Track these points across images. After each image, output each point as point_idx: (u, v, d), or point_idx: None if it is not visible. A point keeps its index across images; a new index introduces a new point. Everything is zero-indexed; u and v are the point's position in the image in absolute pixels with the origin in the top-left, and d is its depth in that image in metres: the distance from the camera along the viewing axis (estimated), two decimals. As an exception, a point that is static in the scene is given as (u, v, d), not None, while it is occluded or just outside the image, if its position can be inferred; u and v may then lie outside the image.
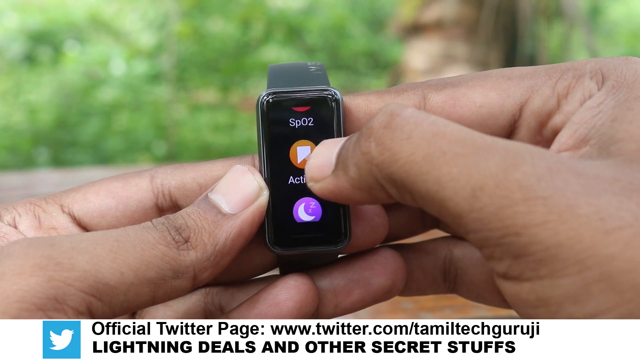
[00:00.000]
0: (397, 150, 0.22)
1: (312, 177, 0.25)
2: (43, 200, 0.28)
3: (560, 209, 0.19)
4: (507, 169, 0.20)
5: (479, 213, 0.20)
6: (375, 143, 0.22)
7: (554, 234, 0.19)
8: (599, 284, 0.19)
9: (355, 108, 0.27)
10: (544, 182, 0.20)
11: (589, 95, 0.25)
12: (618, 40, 4.29)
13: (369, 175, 0.23)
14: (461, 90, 0.27)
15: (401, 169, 0.22)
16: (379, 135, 0.22)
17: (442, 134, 0.21)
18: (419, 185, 0.21)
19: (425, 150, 0.21)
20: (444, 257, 0.29)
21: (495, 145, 0.21)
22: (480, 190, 0.20)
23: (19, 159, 3.12)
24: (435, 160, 0.21)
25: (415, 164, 0.21)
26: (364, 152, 0.23)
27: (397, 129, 0.22)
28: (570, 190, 0.20)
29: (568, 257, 0.19)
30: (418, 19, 2.65)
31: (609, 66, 0.25)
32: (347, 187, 0.24)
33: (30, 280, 0.21)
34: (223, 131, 3.37)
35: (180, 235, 0.24)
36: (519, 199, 0.20)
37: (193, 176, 0.28)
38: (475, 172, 0.20)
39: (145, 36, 3.91)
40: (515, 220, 0.20)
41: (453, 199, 0.21)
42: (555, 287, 0.19)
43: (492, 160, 0.21)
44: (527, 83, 0.26)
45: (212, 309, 0.29)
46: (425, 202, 0.22)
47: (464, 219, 0.21)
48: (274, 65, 0.30)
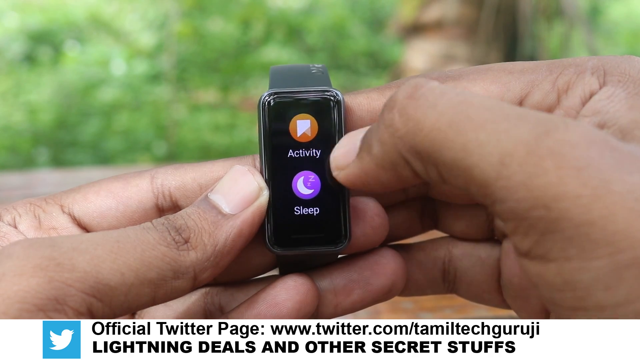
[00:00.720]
0: (421, 119, 0.21)
1: (337, 165, 0.25)
2: (43, 200, 0.28)
3: (594, 182, 0.18)
4: (539, 135, 0.19)
5: (507, 181, 0.19)
6: (399, 114, 0.22)
7: (586, 211, 0.18)
8: (632, 269, 0.18)
9: (357, 107, 0.27)
10: (578, 151, 0.19)
11: (589, 91, 0.25)
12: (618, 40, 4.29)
13: (394, 149, 0.22)
14: (462, 83, 0.27)
15: (426, 137, 0.21)
16: (402, 106, 0.22)
17: (470, 102, 0.21)
18: (445, 153, 0.20)
19: (451, 118, 0.20)
20: (443, 257, 0.29)
21: (526, 113, 0.20)
22: (509, 157, 0.19)
23: (19, 159, 3.12)
24: (461, 126, 0.20)
25: (441, 132, 0.21)
26: (387, 125, 0.22)
27: (421, 98, 0.21)
28: (605, 163, 0.19)
29: (600, 237, 0.18)
30: (418, 19, 2.65)
31: (611, 63, 0.25)
32: (372, 168, 0.23)
33: (30, 281, 0.21)
34: (223, 131, 3.37)
35: (180, 236, 0.24)
36: (551, 167, 0.19)
37: (193, 176, 0.28)
38: (504, 138, 0.19)
39: (145, 36, 3.91)
40: (546, 191, 0.19)
41: (479, 165, 0.20)
42: (585, 270, 0.18)
43: (523, 127, 0.20)
44: (527, 77, 0.26)
45: (212, 309, 0.29)
46: (452, 172, 0.21)
47: (490, 187, 0.20)
48: (276, 67, 0.30)
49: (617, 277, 0.18)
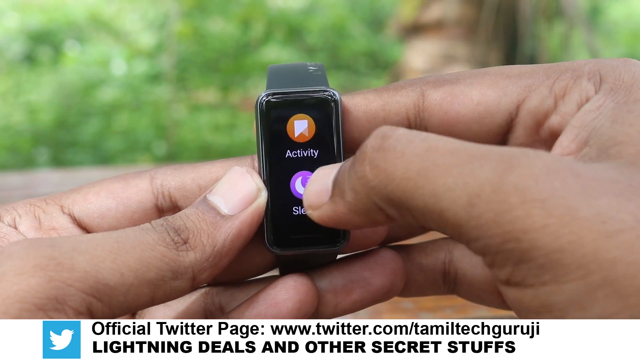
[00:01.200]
0: (391, 170, 0.22)
1: (310, 204, 0.25)
2: (43, 201, 0.28)
3: (559, 211, 0.19)
4: (503, 172, 0.20)
5: (478, 221, 0.20)
6: (370, 166, 0.22)
7: (554, 239, 0.19)
8: (603, 288, 0.19)
9: (354, 107, 0.27)
10: (541, 184, 0.20)
11: (586, 96, 0.25)
12: (618, 40, 4.29)
13: (367, 198, 0.23)
14: (459, 87, 0.27)
15: (397, 187, 0.21)
16: (372, 158, 0.22)
17: (435, 148, 0.21)
18: (417, 200, 0.21)
19: (419, 165, 0.21)
20: (443, 258, 0.29)
21: (490, 152, 0.21)
22: (477, 198, 0.20)
23: (19, 159, 3.12)
24: (429, 173, 0.21)
25: (411, 180, 0.21)
26: (360, 177, 0.23)
27: (389, 150, 0.22)
28: (570, 191, 0.19)
29: (570, 262, 0.19)
30: (418, 19, 2.65)
31: (607, 68, 0.25)
32: (345, 213, 0.24)
33: (31, 281, 0.21)
34: (223, 131, 3.37)
35: (179, 237, 0.25)
36: (516, 202, 0.19)
37: (192, 177, 0.28)
38: (470, 180, 0.20)
39: (145, 36, 3.91)
40: (514, 225, 0.19)
41: (451, 209, 0.20)
42: (559, 293, 0.19)
43: (487, 166, 0.20)
44: (524, 82, 0.26)
45: (212, 309, 0.29)
46: (425, 217, 0.21)
47: (463, 228, 0.20)
48: (273, 66, 0.30)
49: (590, 297, 0.19)
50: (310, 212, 0.25)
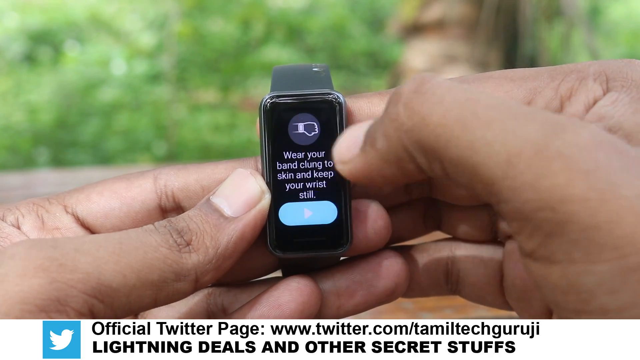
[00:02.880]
0: (427, 113, 0.21)
1: (340, 159, 0.24)
2: (46, 200, 0.28)
3: (602, 185, 0.18)
4: (548, 136, 0.19)
5: (513, 181, 0.19)
6: (404, 108, 0.21)
7: (593, 214, 0.18)
8: (637, 273, 0.18)
9: (357, 111, 0.27)
10: (586, 154, 0.19)
11: (593, 97, 0.25)
12: (618, 41, 4.29)
13: (398, 143, 0.22)
14: None
15: (432, 133, 0.21)
16: (408, 100, 0.21)
17: (477, 100, 0.20)
18: (451, 150, 0.20)
19: (457, 114, 0.20)
20: (446, 258, 0.29)
21: (535, 113, 0.20)
22: (516, 157, 0.19)
23: (19, 159, 3.12)
24: (468, 123, 0.20)
25: (447, 128, 0.20)
26: (393, 119, 0.22)
27: (427, 93, 0.21)
28: (613, 167, 0.18)
29: (606, 241, 0.18)
30: (418, 19, 2.65)
31: (612, 68, 0.25)
32: (376, 162, 0.23)
33: (32, 282, 0.21)
34: (223, 131, 3.37)
35: (182, 238, 0.25)
36: (559, 169, 0.18)
37: (196, 178, 0.28)
38: (512, 138, 0.19)
39: (145, 36, 3.91)
40: (553, 193, 0.18)
41: (486, 164, 0.19)
42: (589, 274, 0.18)
43: (532, 126, 0.19)
44: (529, 85, 0.26)
45: (215, 310, 0.29)
46: (456, 169, 0.20)
47: (496, 186, 0.19)
48: (278, 67, 0.30)
49: (621, 281, 0.18)
50: (341, 167, 0.25)
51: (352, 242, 0.27)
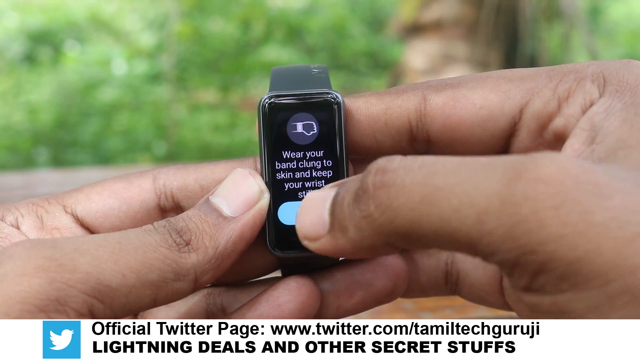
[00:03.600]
0: (395, 205, 0.21)
1: (305, 235, 0.25)
2: (46, 200, 0.28)
3: (574, 218, 0.18)
4: (510, 181, 0.19)
5: (490, 237, 0.19)
6: (374, 204, 0.22)
7: (572, 249, 0.18)
8: (623, 296, 0.18)
9: (355, 110, 0.27)
10: (551, 188, 0.19)
11: (590, 99, 0.25)
12: (618, 41, 4.29)
13: (374, 236, 0.22)
14: (461, 91, 0.27)
15: (404, 220, 0.21)
16: (376, 196, 0.22)
17: (434, 172, 0.21)
18: (425, 228, 0.21)
19: (421, 194, 0.21)
20: (445, 259, 0.29)
21: (493, 162, 0.20)
22: (485, 214, 0.19)
23: (19, 159, 3.12)
24: (433, 199, 0.20)
25: (416, 210, 0.21)
26: (365, 216, 0.22)
27: (390, 185, 0.21)
28: (582, 193, 0.19)
29: (590, 271, 0.18)
30: (418, 19, 2.65)
31: (610, 69, 0.25)
32: (348, 248, 0.23)
33: (32, 282, 0.21)
34: (223, 131, 3.37)
35: (181, 238, 0.25)
36: (528, 212, 0.19)
37: (195, 178, 0.28)
38: (476, 196, 0.20)
39: (145, 36, 3.91)
40: (529, 238, 0.19)
41: (461, 230, 0.20)
42: (578, 301, 0.19)
43: (492, 178, 0.20)
44: (527, 85, 0.26)
45: (214, 310, 0.29)
46: (436, 242, 0.21)
47: (477, 246, 0.20)
48: (276, 68, 0.30)
49: (610, 304, 0.18)
50: (306, 243, 0.25)
51: None
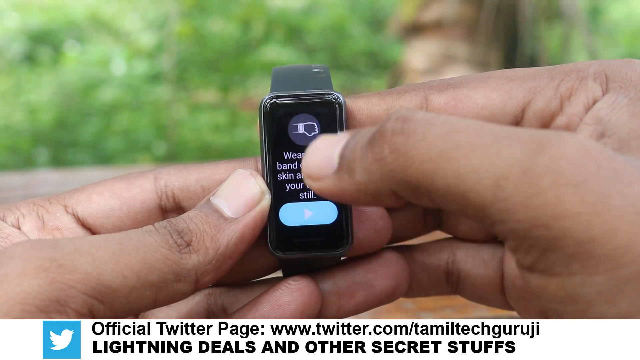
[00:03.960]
0: (411, 152, 0.21)
1: (310, 174, 0.24)
2: (47, 200, 0.28)
3: (593, 198, 0.18)
4: (533, 153, 0.19)
5: (504, 203, 0.19)
6: (389, 149, 0.21)
7: (587, 228, 0.18)
8: (633, 283, 0.18)
9: (357, 111, 0.27)
10: (574, 166, 0.19)
11: (592, 97, 0.25)
12: (618, 41, 4.29)
13: (381, 181, 0.22)
14: (463, 91, 0.27)
15: (417, 170, 0.21)
16: (392, 141, 0.21)
17: (457, 130, 0.21)
18: (438, 182, 0.20)
19: (441, 147, 0.20)
20: (446, 258, 0.29)
21: (518, 132, 0.20)
22: (504, 179, 0.19)
23: (19, 159, 3.12)
24: (452, 154, 0.20)
25: (432, 162, 0.20)
26: (378, 159, 0.22)
27: (410, 133, 0.21)
28: (603, 177, 0.19)
29: (602, 253, 0.18)
30: (418, 19, 2.65)
31: (612, 68, 0.25)
32: (351, 191, 0.23)
33: (32, 282, 0.21)
34: (223, 131, 3.37)
35: (182, 239, 0.25)
36: (548, 186, 0.19)
37: (196, 178, 0.28)
38: (497, 161, 0.19)
39: (145, 36, 3.91)
40: (545, 210, 0.19)
41: (475, 190, 0.20)
42: (587, 285, 0.19)
43: (516, 146, 0.19)
44: (529, 84, 0.26)
45: (215, 310, 0.29)
46: (445, 199, 0.21)
47: (488, 210, 0.20)
48: (277, 68, 0.30)
49: (618, 291, 0.18)
50: (309, 182, 0.24)
51: (352, 242, 0.27)
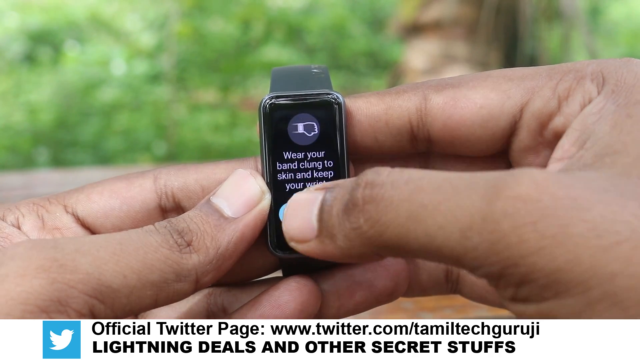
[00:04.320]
0: (384, 220, 0.22)
1: (292, 237, 0.25)
2: (46, 200, 0.28)
3: (552, 231, 0.19)
4: (490, 199, 0.20)
5: (474, 252, 0.20)
6: (364, 218, 0.22)
7: (551, 260, 0.19)
8: (603, 302, 0.19)
9: (356, 111, 0.27)
10: (530, 204, 0.19)
11: (589, 97, 0.25)
12: (618, 41, 4.29)
13: (362, 246, 0.23)
14: (462, 91, 0.27)
15: (392, 234, 0.22)
16: (365, 210, 0.22)
17: (420, 189, 0.21)
18: (412, 243, 0.21)
19: (407, 210, 0.21)
20: None
21: (475, 180, 0.21)
22: (469, 230, 0.20)
23: (19, 159, 3.13)
24: (419, 216, 0.21)
25: (403, 227, 0.21)
26: (355, 227, 0.23)
27: (379, 200, 0.22)
28: (560, 207, 0.19)
29: (570, 279, 0.19)
30: (418, 19, 2.65)
31: (609, 68, 0.25)
32: (337, 255, 0.24)
33: (33, 282, 0.21)
34: (223, 131, 3.38)
35: (182, 239, 0.25)
36: (508, 229, 0.19)
37: (196, 178, 0.28)
38: (459, 214, 0.20)
39: (145, 36, 3.91)
40: (511, 251, 0.19)
41: (446, 245, 0.21)
42: (561, 307, 0.19)
43: (474, 195, 0.20)
44: (527, 84, 0.26)
45: (215, 310, 0.29)
46: (425, 255, 0.22)
47: (462, 260, 0.21)
48: (277, 69, 0.30)
49: (590, 310, 0.19)
50: (293, 245, 0.25)
51: None
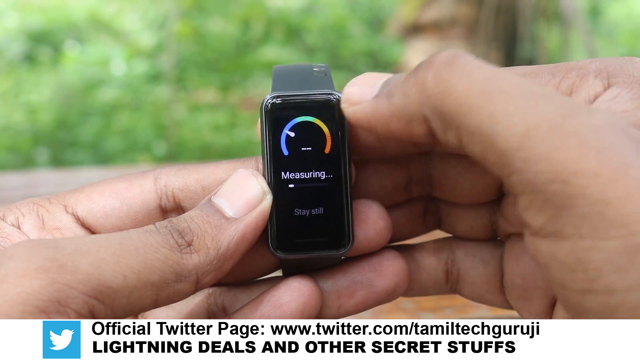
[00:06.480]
0: (454, 83, 0.22)
1: (349, 99, 0.25)
2: (47, 200, 0.28)
3: (613, 164, 0.19)
4: (565, 115, 0.20)
5: (528, 152, 0.20)
6: (434, 75, 0.22)
7: (603, 189, 0.18)
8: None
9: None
10: (600, 134, 0.19)
11: (594, 93, 0.25)
12: (618, 41, 4.29)
13: (417, 105, 0.23)
14: None
15: (455, 101, 0.21)
16: (439, 69, 0.22)
17: (503, 77, 0.21)
18: (471, 118, 0.21)
19: (483, 87, 0.21)
20: (446, 257, 0.29)
21: (553, 95, 0.21)
22: (534, 130, 0.20)
23: (19, 159, 3.13)
24: (492, 96, 0.21)
25: (471, 98, 0.21)
26: (419, 82, 0.23)
27: (458, 66, 0.22)
28: (625, 148, 0.19)
29: (614, 217, 0.18)
30: (418, 19, 2.65)
31: (614, 65, 0.25)
32: (386, 114, 0.24)
33: (33, 283, 0.21)
34: (223, 131, 3.38)
35: (183, 239, 0.24)
36: (573, 144, 0.19)
37: (196, 178, 0.28)
38: (531, 113, 0.20)
39: (145, 36, 3.91)
40: (566, 166, 0.19)
41: (503, 134, 0.20)
42: (597, 250, 0.19)
43: (551, 105, 0.20)
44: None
45: (215, 310, 0.29)
46: (472, 138, 0.21)
47: (511, 157, 0.20)
48: (278, 67, 0.30)
49: (628, 259, 0.18)
50: (346, 107, 0.25)
51: (353, 242, 0.27)
